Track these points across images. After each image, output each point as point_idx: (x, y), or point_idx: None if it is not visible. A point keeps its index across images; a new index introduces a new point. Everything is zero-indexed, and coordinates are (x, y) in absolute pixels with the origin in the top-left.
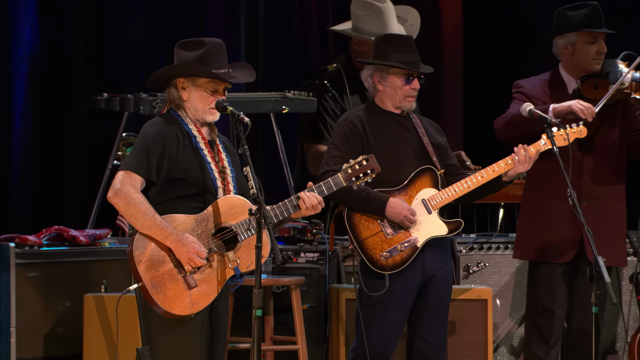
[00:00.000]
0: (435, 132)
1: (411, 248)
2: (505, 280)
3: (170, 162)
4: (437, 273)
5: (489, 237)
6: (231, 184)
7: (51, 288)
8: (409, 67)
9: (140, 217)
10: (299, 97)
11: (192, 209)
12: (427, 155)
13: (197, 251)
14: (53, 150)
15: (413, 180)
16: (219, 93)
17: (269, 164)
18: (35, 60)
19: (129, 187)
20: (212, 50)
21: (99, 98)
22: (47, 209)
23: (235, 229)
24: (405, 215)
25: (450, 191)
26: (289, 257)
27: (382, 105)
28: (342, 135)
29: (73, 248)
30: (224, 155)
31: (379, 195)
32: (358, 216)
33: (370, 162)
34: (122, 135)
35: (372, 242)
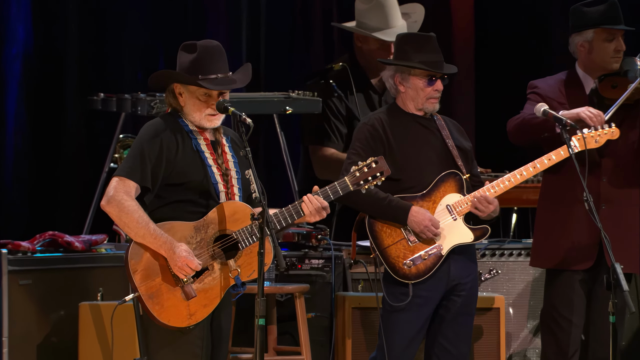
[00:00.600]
0: (460, 136)
1: (435, 256)
2: (519, 288)
3: (168, 166)
4: (462, 282)
5: (502, 243)
6: (236, 187)
7: (45, 296)
8: (431, 67)
9: (134, 226)
10: (303, 97)
11: (192, 214)
12: (451, 158)
13: (187, 261)
14: (47, 153)
15: (437, 185)
16: (213, 99)
17: (272, 167)
18: (28, 59)
19: (123, 194)
20: (204, 54)
21: (95, 98)
22: (41, 213)
23: (236, 237)
24: (426, 225)
25: (475, 197)
26: (293, 263)
27: (404, 107)
28: (363, 139)
29: (68, 254)
30: (230, 156)
31: (401, 203)
32: (380, 223)
33: (379, 165)
34: (119, 137)
35: (395, 250)
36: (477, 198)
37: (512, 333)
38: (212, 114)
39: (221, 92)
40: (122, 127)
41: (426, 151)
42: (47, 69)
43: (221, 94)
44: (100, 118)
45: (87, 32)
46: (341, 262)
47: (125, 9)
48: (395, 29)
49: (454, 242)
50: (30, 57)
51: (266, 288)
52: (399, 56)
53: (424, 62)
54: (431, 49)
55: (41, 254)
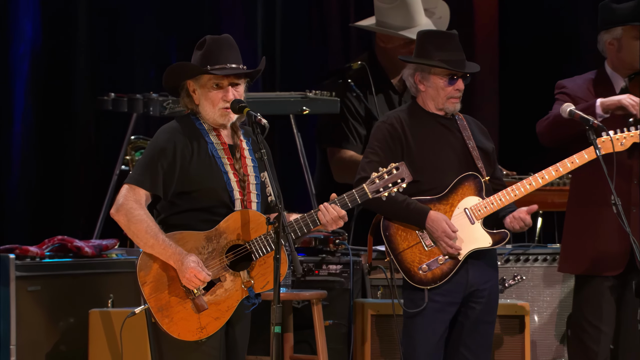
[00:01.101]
0: (482, 136)
1: (452, 261)
2: (544, 295)
3: (181, 174)
4: (481, 287)
5: (526, 248)
6: (253, 194)
7: (54, 303)
8: (452, 66)
9: (142, 236)
10: (320, 97)
11: (205, 223)
12: (471, 160)
13: (195, 272)
14: (55, 154)
15: (455, 188)
16: (225, 91)
17: (288, 170)
18: (36, 57)
19: (132, 202)
20: (212, 46)
21: (105, 98)
22: (50, 217)
23: (249, 247)
24: (443, 230)
25: (495, 200)
26: (310, 269)
27: (424, 106)
28: (381, 138)
29: (78, 260)
30: (249, 160)
31: (420, 206)
32: (395, 226)
33: (400, 171)
34: (131, 138)
35: (411, 254)
36: (513, 218)
37: (538, 342)
38: (225, 107)
39: (233, 82)
40: (133, 128)
41: (446, 152)
42: (55, 68)
43: (234, 86)
44: (110, 119)
45: (97, 29)
46: (360, 267)
47: (138, 5)
48: (420, 27)
49: (471, 247)
50: (38, 55)
51: (282, 294)
52: (420, 54)
53: (445, 61)
54: (453, 47)
55: (50, 260)
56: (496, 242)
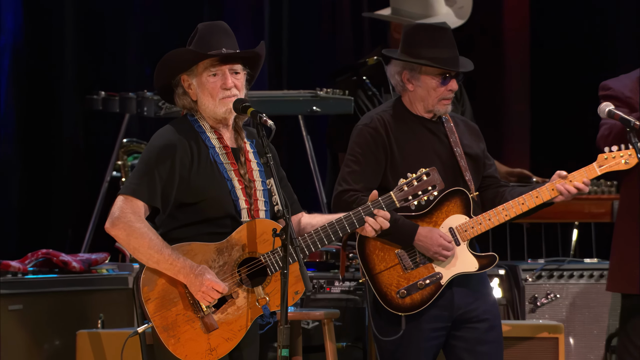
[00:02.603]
0: (471, 138)
1: (434, 286)
2: (580, 315)
3: (181, 184)
4: (472, 307)
5: (561, 264)
6: (261, 201)
7: (38, 323)
8: (445, 65)
9: (145, 251)
10: (332, 95)
11: (211, 236)
12: (458, 171)
13: (212, 283)
14: (40, 159)
15: (440, 205)
16: (224, 77)
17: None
18: (18, 51)
19: (130, 214)
20: (204, 32)
21: (95, 97)
22: (33, 229)
23: (264, 260)
24: (435, 250)
25: (484, 220)
26: (321, 286)
27: (410, 108)
28: (363, 144)
29: (64, 276)
30: (254, 164)
31: (407, 223)
32: (372, 243)
33: (431, 177)
34: (123, 141)
35: (388, 276)
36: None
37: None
38: (226, 96)
39: (232, 70)
40: (125, 130)
41: (432, 162)
42: (39, 64)
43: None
44: (101, 120)
45: (86, 20)
46: None
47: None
48: (440, 16)
49: (455, 271)
50: (20, 49)
51: (290, 314)
52: (408, 50)
53: (436, 59)
54: (445, 43)
55: (33, 275)
56: (483, 267)
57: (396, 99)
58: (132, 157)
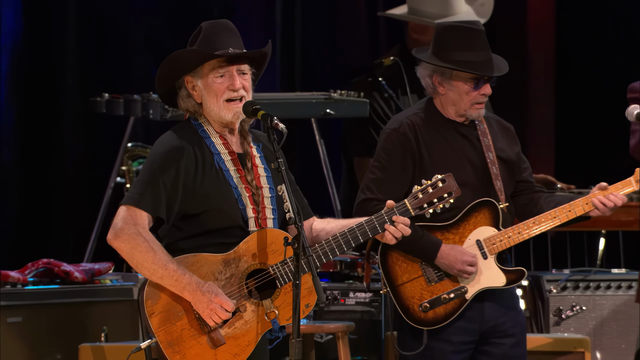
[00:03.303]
0: (505, 140)
1: (458, 300)
2: (607, 328)
3: (185, 193)
4: (501, 321)
5: (587, 274)
6: (268, 209)
7: (38, 337)
8: (477, 69)
9: (149, 266)
10: (347, 98)
11: (217, 247)
12: (489, 179)
13: (220, 301)
14: (40, 164)
15: (468, 215)
16: (231, 78)
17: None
18: (17, 52)
19: (133, 226)
20: (210, 31)
21: (98, 99)
22: (34, 237)
23: (273, 272)
24: (459, 269)
25: (513, 233)
26: (335, 297)
27: (442, 111)
28: (390, 149)
29: (66, 287)
30: (262, 170)
31: (430, 238)
32: (395, 255)
33: (447, 184)
34: (127, 145)
35: (411, 289)
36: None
37: None
38: (232, 97)
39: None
40: (130, 134)
41: (465, 169)
42: (40, 65)
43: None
44: (104, 123)
45: (88, 19)
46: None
47: None
48: (460, 15)
49: (481, 286)
50: (19, 50)
51: (303, 327)
52: (438, 53)
53: (469, 62)
54: (479, 45)
55: (34, 286)
56: (510, 282)
57: (427, 101)
58: (137, 162)
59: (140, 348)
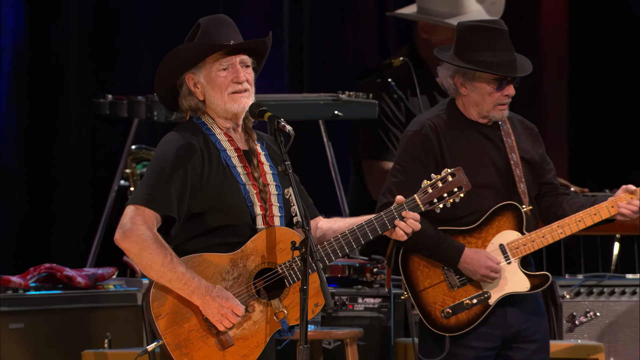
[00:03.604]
0: (529, 141)
1: (481, 306)
2: (621, 334)
3: (193, 190)
4: (524, 327)
5: (601, 279)
6: (275, 207)
7: (40, 343)
8: (500, 70)
9: (157, 268)
10: (355, 99)
11: (223, 247)
12: (513, 181)
13: (231, 306)
14: (42, 167)
15: (490, 219)
16: (235, 71)
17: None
18: (19, 52)
19: (143, 227)
20: (209, 26)
21: (102, 101)
22: (36, 241)
23: (281, 271)
24: (483, 274)
25: (537, 237)
26: (343, 303)
27: (464, 112)
28: (412, 152)
29: (68, 292)
30: (267, 167)
31: (453, 242)
32: (416, 260)
33: (457, 178)
34: (131, 148)
35: (432, 294)
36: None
37: None
38: (236, 90)
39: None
40: (134, 136)
41: (488, 171)
42: (42, 65)
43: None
44: (107, 125)
45: (92, 19)
46: (402, 301)
47: None
48: (471, 14)
49: (505, 291)
50: (21, 50)
51: (310, 333)
52: (461, 53)
53: (492, 63)
54: (502, 45)
55: (36, 292)
56: (534, 287)
57: (449, 102)
58: (141, 164)
59: (147, 351)
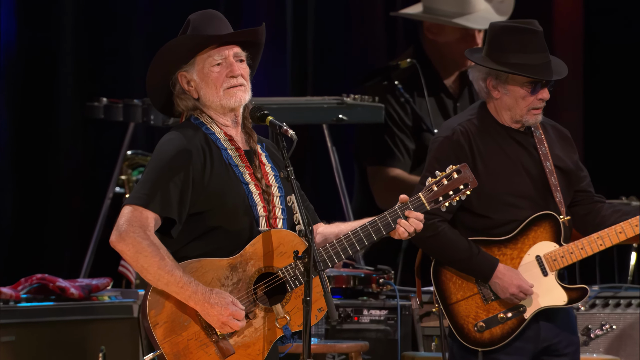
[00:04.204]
0: (562, 147)
1: (516, 319)
2: None
3: (195, 190)
4: (556, 340)
5: (617, 290)
6: (278, 209)
7: (33, 356)
8: (535, 73)
9: (154, 271)
10: (361, 102)
11: (224, 250)
12: (548, 190)
13: (231, 312)
14: (35, 174)
15: (527, 229)
16: (229, 65)
17: (321, 192)
18: (11, 53)
19: (139, 228)
20: (199, 21)
21: (96, 104)
22: (28, 251)
23: (282, 275)
24: (512, 292)
25: (576, 249)
26: (348, 315)
27: (496, 116)
28: (443, 159)
29: (61, 303)
30: (269, 168)
31: (486, 256)
32: (449, 272)
33: (462, 175)
34: (127, 153)
35: (466, 307)
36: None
37: None
38: (232, 85)
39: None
40: (130, 141)
41: (522, 179)
42: (34, 66)
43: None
44: (102, 129)
45: (86, 19)
46: (409, 313)
47: None
48: (478, 13)
49: (541, 305)
50: (13, 51)
51: (314, 346)
52: (493, 55)
53: (526, 66)
54: (537, 47)
55: (27, 303)
56: (572, 300)
57: (480, 105)
58: (137, 171)
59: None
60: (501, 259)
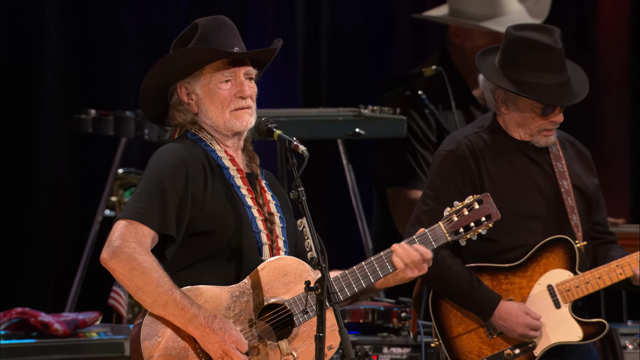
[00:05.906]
0: (581, 166)
1: (525, 357)
2: None
3: (195, 207)
4: None
5: None
6: (281, 240)
7: None
8: (546, 98)
9: (151, 291)
10: (380, 115)
11: (225, 278)
12: (563, 212)
13: (235, 341)
14: (16, 194)
15: (537, 255)
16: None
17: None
18: None
19: (134, 244)
20: (209, 29)
21: (84, 117)
22: (6, 282)
23: (289, 307)
24: (521, 333)
25: (592, 278)
26: (366, 353)
27: (507, 130)
28: (446, 175)
29: (44, 341)
30: (270, 196)
31: (487, 291)
32: (449, 302)
33: (485, 206)
34: (118, 172)
35: (468, 341)
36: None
37: None
38: (240, 107)
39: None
40: (121, 158)
41: (533, 200)
42: (16, 75)
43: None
44: (91, 145)
45: (71, 24)
46: (435, 351)
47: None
48: (510, 15)
49: (553, 340)
50: None
51: None
52: (507, 66)
53: (540, 87)
54: (553, 66)
55: (6, 341)
56: (588, 337)
57: (490, 116)
58: (129, 191)
59: None
60: (509, 288)
